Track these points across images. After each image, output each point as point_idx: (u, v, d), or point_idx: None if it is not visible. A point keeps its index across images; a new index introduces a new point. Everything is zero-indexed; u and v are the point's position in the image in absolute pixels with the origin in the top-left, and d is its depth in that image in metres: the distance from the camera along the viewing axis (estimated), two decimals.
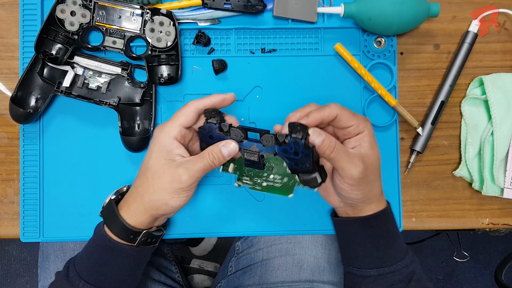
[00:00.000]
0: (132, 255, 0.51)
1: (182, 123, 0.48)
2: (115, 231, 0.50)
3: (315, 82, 0.60)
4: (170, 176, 0.46)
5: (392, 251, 0.51)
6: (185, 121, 0.48)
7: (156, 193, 0.47)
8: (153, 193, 0.47)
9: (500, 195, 0.60)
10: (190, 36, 0.59)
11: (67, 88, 0.56)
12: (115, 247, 0.50)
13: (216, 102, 0.49)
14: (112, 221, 0.50)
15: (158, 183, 0.47)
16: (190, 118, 0.48)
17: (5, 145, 0.60)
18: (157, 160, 0.47)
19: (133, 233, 0.49)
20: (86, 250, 0.53)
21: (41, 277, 0.68)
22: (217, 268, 1.07)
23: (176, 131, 0.47)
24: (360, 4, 0.55)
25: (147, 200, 0.48)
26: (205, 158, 0.47)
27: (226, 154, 0.47)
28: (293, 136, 0.45)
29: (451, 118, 0.62)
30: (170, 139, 0.47)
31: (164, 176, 0.47)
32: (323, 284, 0.66)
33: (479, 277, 1.43)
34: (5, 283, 1.38)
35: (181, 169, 0.46)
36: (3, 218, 0.60)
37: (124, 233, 0.49)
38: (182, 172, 0.46)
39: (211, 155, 0.47)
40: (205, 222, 0.60)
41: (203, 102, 0.49)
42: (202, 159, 0.47)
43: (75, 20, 0.56)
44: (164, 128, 0.48)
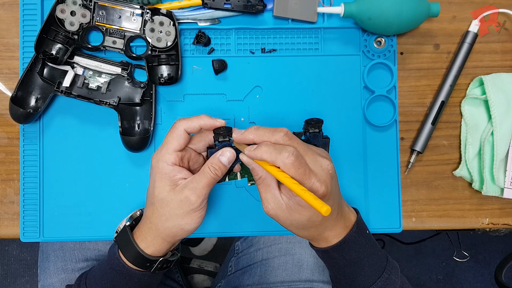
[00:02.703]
0: (145, 280, 0.51)
1: (176, 148, 0.47)
2: (130, 259, 0.49)
3: (315, 82, 0.60)
4: (178, 201, 0.46)
5: (359, 278, 0.50)
6: (178, 146, 0.47)
7: (169, 221, 0.47)
8: (166, 221, 0.47)
9: (500, 195, 0.60)
10: (190, 36, 0.59)
11: (67, 88, 0.56)
12: (129, 273, 0.49)
13: (204, 126, 0.48)
14: (127, 249, 0.49)
15: (168, 210, 0.46)
16: (182, 141, 0.47)
17: (5, 145, 0.60)
18: (161, 188, 0.47)
19: (149, 261, 0.49)
20: (99, 270, 0.52)
21: (41, 277, 0.68)
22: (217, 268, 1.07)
23: (172, 157, 0.47)
24: (360, 4, 0.55)
25: (162, 229, 0.48)
26: (207, 173, 0.46)
27: (226, 162, 0.47)
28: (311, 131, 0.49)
29: (451, 118, 0.62)
30: (169, 166, 0.47)
31: (172, 202, 0.46)
32: (323, 284, 0.66)
33: (479, 277, 1.43)
34: (5, 283, 1.38)
35: (187, 190, 0.46)
36: (3, 218, 0.60)
37: (140, 262, 0.49)
38: (189, 194, 0.46)
39: (212, 168, 0.46)
40: (205, 222, 0.60)
41: (192, 124, 0.47)
42: (205, 174, 0.46)
43: (75, 20, 0.56)
44: (160, 156, 0.47)
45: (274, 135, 0.44)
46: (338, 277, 0.52)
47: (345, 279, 0.51)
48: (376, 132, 0.60)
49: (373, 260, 0.50)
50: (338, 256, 0.49)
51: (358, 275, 0.50)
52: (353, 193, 0.60)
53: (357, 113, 0.60)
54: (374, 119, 0.60)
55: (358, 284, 0.50)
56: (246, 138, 0.45)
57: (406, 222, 0.62)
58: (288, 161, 0.41)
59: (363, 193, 0.60)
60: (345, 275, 0.51)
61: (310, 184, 0.42)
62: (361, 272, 0.50)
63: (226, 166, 0.47)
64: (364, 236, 0.50)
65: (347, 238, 0.48)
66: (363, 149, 0.60)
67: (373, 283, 0.49)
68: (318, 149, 0.48)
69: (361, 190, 0.60)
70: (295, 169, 0.41)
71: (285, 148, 0.42)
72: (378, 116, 0.60)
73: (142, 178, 0.59)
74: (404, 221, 0.61)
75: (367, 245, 0.50)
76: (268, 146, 0.43)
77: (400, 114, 0.61)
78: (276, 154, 0.42)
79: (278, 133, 0.44)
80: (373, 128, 0.60)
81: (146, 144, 0.58)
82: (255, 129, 0.45)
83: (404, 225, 0.61)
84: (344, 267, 0.50)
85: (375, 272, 0.50)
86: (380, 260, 0.51)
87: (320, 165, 0.44)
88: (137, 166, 0.60)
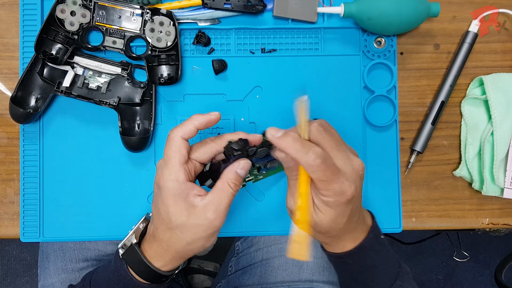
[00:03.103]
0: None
1: (181, 160, 0.43)
2: (143, 276, 0.47)
3: (315, 82, 0.60)
4: (201, 225, 0.43)
5: (372, 285, 0.48)
6: (182, 158, 0.43)
7: (193, 244, 0.44)
8: (189, 245, 0.44)
9: (500, 195, 0.60)
10: (190, 36, 0.59)
11: (67, 88, 0.56)
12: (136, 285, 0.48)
13: (199, 125, 0.44)
14: (140, 267, 0.47)
15: (190, 236, 0.43)
16: (184, 151, 0.43)
17: (5, 145, 0.60)
18: (179, 213, 0.43)
19: (165, 277, 0.48)
20: (106, 279, 0.51)
21: (41, 277, 0.68)
22: (217, 268, 1.07)
23: (181, 173, 0.43)
24: (360, 4, 0.55)
25: (183, 252, 0.45)
26: (227, 191, 0.43)
27: (243, 174, 0.44)
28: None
29: (451, 118, 0.62)
30: (181, 184, 0.42)
31: (195, 228, 0.43)
32: (323, 284, 0.66)
33: (479, 277, 1.43)
34: (5, 283, 1.38)
35: (211, 214, 0.42)
36: (3, 218, 0.60)
37: (155, 279, 0.48)
38: (214, 218, 0.42)
39: (232, 184, 0.43)
40: None
41: (187, 129, 0.44)
42: (225, 193, 0.43)
43: (75, 20, 0.56)
44: (167, 176, 0.43)
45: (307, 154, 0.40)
46: (350, 284, 0.51)
47: (356, 285, 0.50)
48: (376, 132, 0.60)
49: (386, 267, 0.49)
50: (352, 263, 0.48)
51: (371, 282, 0.48)
52: None
53: (357, 113, 0.60)
54: (374, 119, 0.60)
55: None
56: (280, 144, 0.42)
57: (406, 222, 0.62)
58: (312, 163, 0.39)
59: (363, 193, 0.60)
60: (357, 281, 0.49)
61: (339, 184, 0.40)
62: (374, 279, 0.48)
63: (243, 178, 0.45)
64: (379, 242, 0.49)
65: (363, 244, 0.46)
66: (363, 149, 0.60)
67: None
68: (349, 147, 0.46)
69: None
70: (321, 172, 0.39)
71: (312, 149, 0.40)
72: (378, 116, 0.60)
73: (142, 178, 0.59)
74: (404, 221, 0.61)
75: (381, 251, 0.49)
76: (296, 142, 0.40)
77: (400, 114, 0.61)
78: (302, 154, 0.39)
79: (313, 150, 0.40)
80: (373, 128, 0.60)
81: (146, 144, 0.58)
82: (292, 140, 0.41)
83: (404, 225, 0.61)
84: (357, 273, 0.48)
85: (388, 279, 0.48)
86: (393, 267, 0.49)
87: (351, 165, 0.42)
88: (137, 166, 0.60)
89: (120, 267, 0.49)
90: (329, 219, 0.42)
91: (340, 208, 0.42)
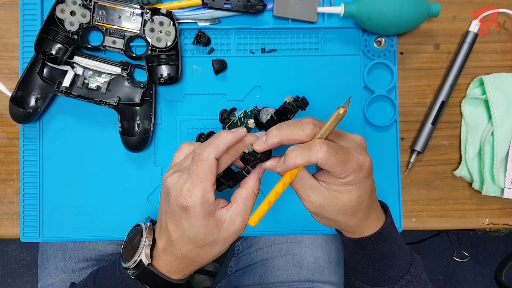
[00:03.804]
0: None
1: (213, 182, 0.41)
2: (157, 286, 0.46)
3: (315, 82, 0.60)
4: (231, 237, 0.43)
5: (389, 271, 0.48)
6: (214, 179, 0.41)
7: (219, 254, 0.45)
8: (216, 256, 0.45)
9: (500, 195, 0.60)
10: (190, 36, 0.59)
11: (67, 88, 0.56)
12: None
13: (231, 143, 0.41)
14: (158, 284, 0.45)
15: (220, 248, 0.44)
16: (215, 173, 0.41)
17: (5, 145, 0.60)
18: (211, 232, 0.42)
19: (180, 285, 0.48)
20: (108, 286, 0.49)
21: (41, 277, 0.68)
22: (217, 268, 1.06)
23: (212, 195, 0.41)
24: (360, 4, 0.55)
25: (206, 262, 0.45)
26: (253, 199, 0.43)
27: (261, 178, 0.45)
28: None
29: (451, 118, 0.62)
30: (212, 205, 0.41)
31: (225, 241, 0.43)
32: (323, 284, 0.66)
33: (479, 277, 1.43)
34: (5, 283, 1.38)
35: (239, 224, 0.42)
36: (3, 218, 0.60)
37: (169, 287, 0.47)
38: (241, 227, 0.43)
39: (256, 190, 0.43)
40: None
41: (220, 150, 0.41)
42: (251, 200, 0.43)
43: (75, 20, 0.56)
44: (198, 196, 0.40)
45: (303, 130, 0.39)
46: (365, 270, 0.50)
47: (374, 272, 0.49)
48: (376, 132, 0.60)
49: (402, 254, 0.49)
50: (371, 248, 0.47)
51: (389, 268, 0.48)
52: None
53: (357, 113, 0.60)
54: (374, 119, 0.60)
55: (388, 277, 0.49)
56: (272, 144, 0.41)
57: (406, 222, 0.61)
58: (321, 154, 0.37)
59: None
60: (375, 267, 0.49)
61: (355, 161, 0.39)
62: (392, 265, 0.48)
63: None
64: (394, 228, 0.49)
65: (383, 229, 0.46)
66: None
67: (402, 277, 0.48)
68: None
69: None
70: (333, 156, 0.38)
71: (312, 142, 0.39)
72: (378, 116, 0.60)
73: (142, 178, 0.59)
74: (404, 221, 0.61)
75: (397, 238, 0.49)
76: (297, 150, 0.39)
77: (400, 114, 0.61)
78: (308, 152, 0.38)
79: (306, 126, 0.39)
80: (373, 128, 0.60)
81: (146, 144, 0.58)
82: (277, 130, 0.40)
83: (404, 225, 0.61)
84: (375, 259, 0.48)
85: (404, 266, 0.49)
86: (407, 254, 0.50)
87: (354, 141, 0.42)
88: (137, 166, 0.60)
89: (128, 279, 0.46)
90: (355, 197, 0.41)
91: (362, 183, 0.41)
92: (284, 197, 0.60)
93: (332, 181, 0.41)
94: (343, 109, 0.39)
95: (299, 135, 0.39)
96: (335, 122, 0.39)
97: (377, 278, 0.49)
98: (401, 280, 0.48)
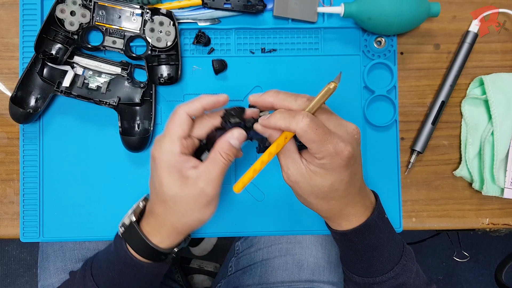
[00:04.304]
0: (154, 270, 0.50)
1: (180, 135, 0.43)
2: (143, 254, 0.48)
3: (315, 82, 0.60)
4: (193, 195, 0.43)
5: (377, 263, 0.48)
6: (182, 132, 0.43)
7: (186, 217, 0.45)
8: (183, 217, 0.45)
9: (500, 195, 0.60)
10: (190, 36, 0.59)
11: (67, 88, 0.56)
12: (139, 265, 0.48)
13: (207, 105, 0.44)
14: (138, 245, 0.47)
15: (184, 206, 0.44)
16: (186, 127, 0.43)
17: (5, 145, 0.60)
18: (171, 184, 0.43)
19: (164, 254, 0.49)
20: (105, 261, 0.51)
21: (41, 277, 0.68)
22: (217, 268, 1.06)
23: (177, 146, 0.43)
24: (360, 4, 0.55)
25: (178, 225, 0.46)
26: (219, 161, 0.43)
27: (237, 144, 0.44)
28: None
29: (451, 118, 0.62)
30: (176, 157, 0.43)
31: (187, 198, 0.43)
32: (323, 284, 0.66)
33: (479, 277, 1.43)
34: (5, 283, 1.38)
35: (202, 183, 0.43)
36: (3, 218, 0.60)
37: (154, 256, 0.48)
38: (205, 186, 0.43)
39: (224, 154, 0.43)
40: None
41: (194, 107, 0.44)
42: (217, 162, 0.43)
43: (75, 20, 0.56)
44: (164, 147, 0.43)
45: (296, 100, 0.41)
46: (353, 261, 0.51)
47: (361, 264, 0.50)
48: (376, 132, 0.60)
49: (391, 246, 0.49)
50: (357, 240, 0.47)
51: (376, 260, 0.48)
52: None
53: (357, 113, 0.60)
54: (374, 119, 0.60)
55: (375, 269, 0.49)
56: (264, 101, 0.42)
57: (406, 222, 0.62)
58: (302, 124, 0.38)
59: None
60: (362, 260, 0.49)
61: (333, 144, 0.39)
62: (380, 258, 0.48)
63: (237, 147, 0.44)
64: (383, 221, 0.49)
65: (368, 222, 0.46)
66: (363, 149, 0.60)
67: (391, 270, 0.48)
68: None
69: None
70: (312, 131, 0.39)
71: (299, 111, 0.40)
72: (378, 116, 0.60)
73: (142, 178, 0.59)
74: (404, 221, 0.61)
75: (386, 230, 0.49)
76: (283, 112, 0.40)
77: (400, 114, 0.61)
78: (290, 119, 0.39)
79: (300, 99, 0.41)
80: (373, 128, 0.60)
81: (146, 144, 0.58)
82: (275, 93, 0.42)
83: (404, 225, 0.61)
84: (362, 251, 0.48)
85: (393, 258, 0.49)
86: (398, 246, 0.50)
87: (345, 129, 0.42)
88: (137, 166, 0.60)
89: (120, 247, 0.48)
90: (327, 183, 0.42)
91: (338, 170, 0.41)
92: (284, 198, 0.60)
93: (311, 160, 0.42)
94: (334, 84, 0.41)
95: (291, 103, 0.42)
96: (325, 96, 0.41)
97: (365, 270, 0.50)
98: (390, 272, 0.48)
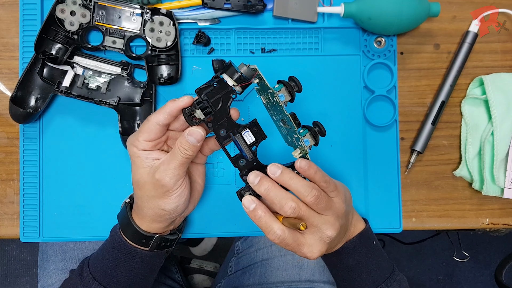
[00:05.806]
0: (146, 259, 0.51)
1: (146, 139, 0.46)
2: (128, 235, 0.50)
3: (315, 82, 0.60)
4: (152, 183, 0.46)
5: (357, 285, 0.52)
6: (148, 138, 0.46)
7: (149, 202, 0.47)
8: (147, 202, 0.47)
9: (500, 195, 0.60)
10: (190, 36, 0.59)
11: (67, 88, 0.56)
12: (130, 250, 0.50)
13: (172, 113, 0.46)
14: (125, 226, 0.50)
15: (145, 192, 0.47)
16: (153, 135, 0.46)
17: (5, 145, 0.60)
18: (136, 171, 0.47)
19: (145, 237, 0.50)
20: (101, 250, 0.53)
21: (41, 277, 0.68)
22: (217, 268, 1.07)
23: (141, 145, 0.46)
24: (360, 4, 0.55)
25: (145, 210, 0.48)
26: (177, 154, 0.45)
27: (195, 142, 0.44)
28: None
29: (451, 118, 0.62)
30: (139, 151, 0.46)
31: (146, 185, 0.46)
32: (323, 284, 0.66)
33: (479, 277, 1.43)
34: (5, 283, 1.38)
35: (158, 173, 0.45)
36: (3, 218, 0.60)
37: (136, 238, 0.50)
38: (161, 176, 0.45)
39: (182, 148, 0.44)
40: (205, 222, 0.60)
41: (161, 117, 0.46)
42: (175, 155, 0.45)
43: (75, 20, 0.56)
44: (131, 141, 0.47)
45: (282, 207, 0.44)
46: (337, 280, 0.55)
47: (343, 283, 0.54)
48: (376, 132, 0.60)
49: (372, 270, 0.52)
50: (337, 261, 0.52)
51: (355, 281, 0.52)
52: (353, 193, 0.60)
53: (357, 113, 0.60)
54: (374, 119, 0.60)
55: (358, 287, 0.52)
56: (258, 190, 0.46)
57: (406, 222, 0.61)
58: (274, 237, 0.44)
59: (363, 193, 0.60)
60: (343, 279, 0.53)
61: (307, 247, 0.45)
62: (358, 279, 0.52)
63: (197, 145, 0.45)
64: (366, 246, 0.52)
65: (346, 245, 0.51)
66: (363, 149, 0.60)
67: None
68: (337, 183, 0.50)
69: (361, 190, 0.60)
70: (284, 245, 0.44)
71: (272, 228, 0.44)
72: (378, 116, 0.60)
73: None
74: (404, 221, 0.61)
75: (368, 255, 0.52)
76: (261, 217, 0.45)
77: (400, 114, 0.61)
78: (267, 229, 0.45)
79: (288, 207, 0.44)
80: (373, 128, 0.60)
81: None
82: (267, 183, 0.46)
83: (404, 225, 0.61)
84: (341, 271, 0.53)
85: (373, 282, 0.51)
86: (383, 272, 0.52)
87: (319, 237, 0.46)
88: None
89: (114, 234, 0.51)
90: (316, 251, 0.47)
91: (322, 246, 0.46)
92: None
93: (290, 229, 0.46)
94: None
95: (276, 207, 0.45)
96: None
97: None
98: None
